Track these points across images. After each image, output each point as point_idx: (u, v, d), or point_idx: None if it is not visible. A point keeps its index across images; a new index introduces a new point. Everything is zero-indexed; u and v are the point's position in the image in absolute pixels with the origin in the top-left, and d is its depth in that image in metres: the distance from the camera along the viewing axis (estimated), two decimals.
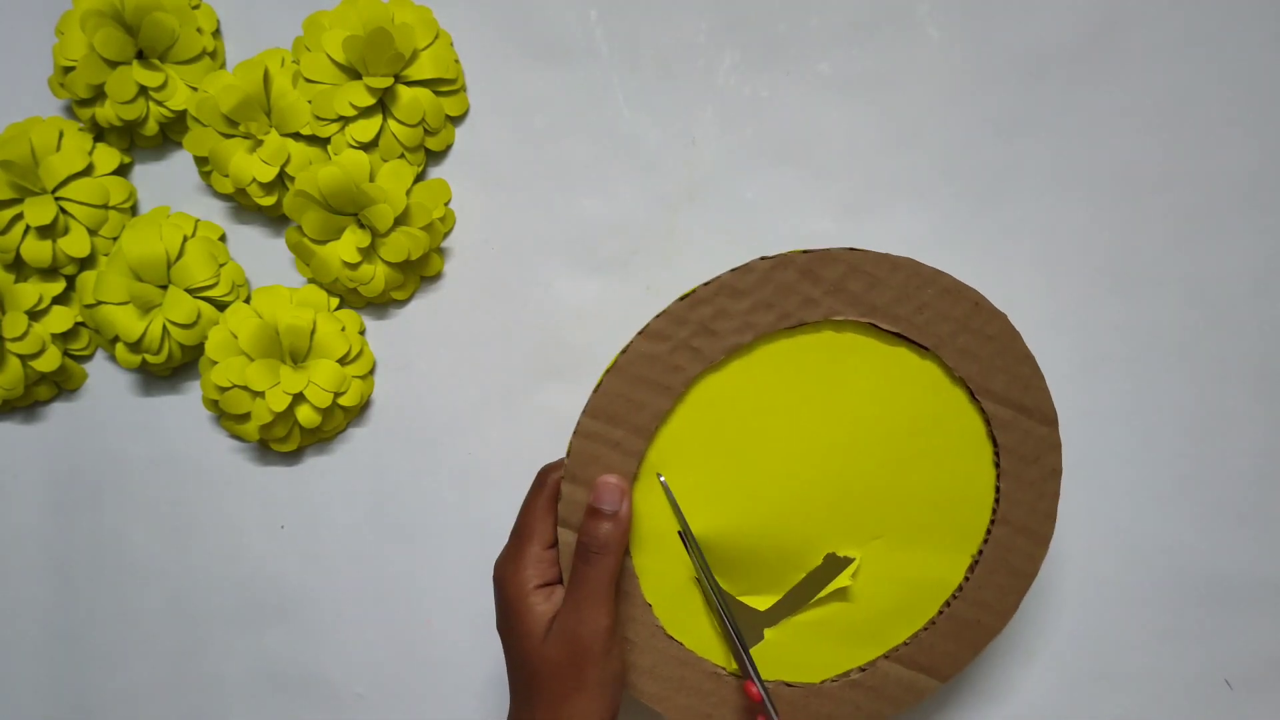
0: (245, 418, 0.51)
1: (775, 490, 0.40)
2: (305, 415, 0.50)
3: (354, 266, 0.50)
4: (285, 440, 0.52)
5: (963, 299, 0.39)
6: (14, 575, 0.55)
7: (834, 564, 0.41)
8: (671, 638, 0.41)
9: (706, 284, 0.38)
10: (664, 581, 0.41)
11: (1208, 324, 0.51)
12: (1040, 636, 0.51)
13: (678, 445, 0.40)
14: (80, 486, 0.54)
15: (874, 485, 0.41)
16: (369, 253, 0.51)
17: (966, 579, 0.42)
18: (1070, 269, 0.51)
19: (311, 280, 0.53)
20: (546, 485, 0.40)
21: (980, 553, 0.42)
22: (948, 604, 0.42)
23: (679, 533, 0.40)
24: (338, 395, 0.51)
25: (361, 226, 0.50)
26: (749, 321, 0.39)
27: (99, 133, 0.53)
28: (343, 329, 0.51)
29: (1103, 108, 0.51)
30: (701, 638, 0.42)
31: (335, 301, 0.53)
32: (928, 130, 0.51)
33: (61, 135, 0.52)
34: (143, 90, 0.50)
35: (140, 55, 0.51)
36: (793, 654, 0.42)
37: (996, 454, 0.41)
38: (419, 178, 0.52)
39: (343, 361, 0.51)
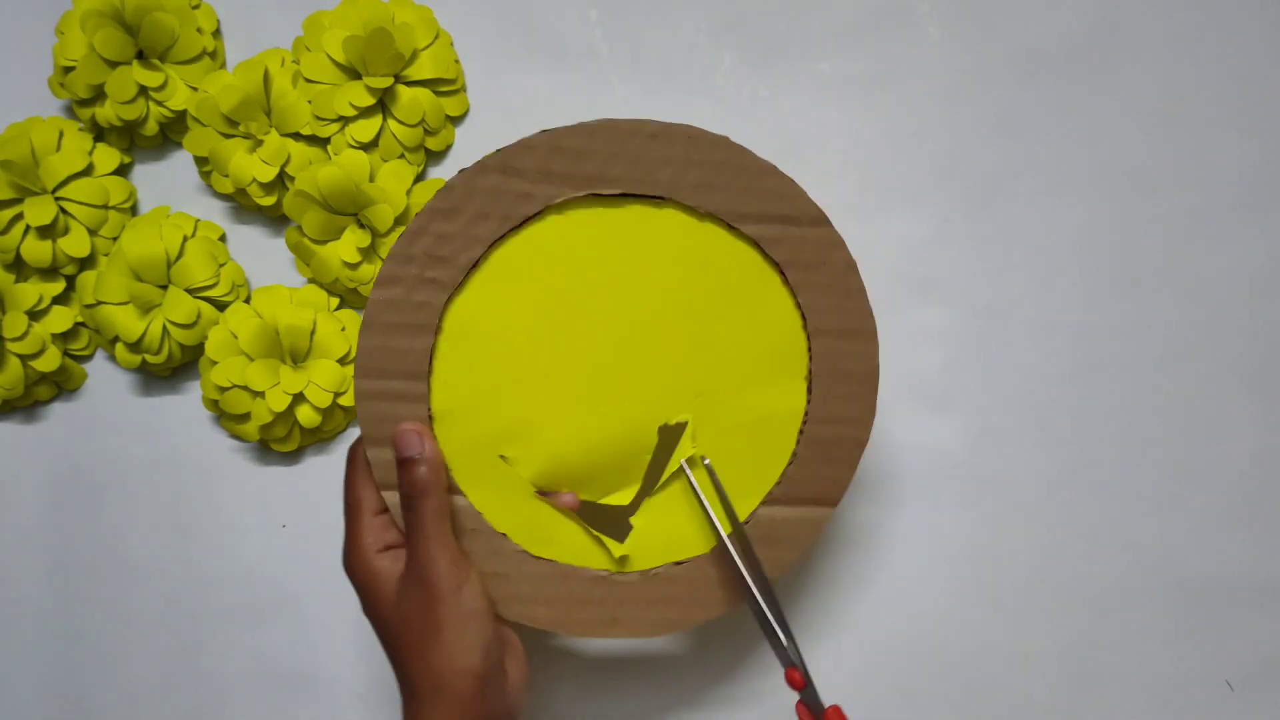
0: (245, 418, 0.51)
1: (581, 385, 0.40)
2: (305, 415, 0.50)
3: (354, 266, 0.50)
4: (285, 440, 0.52)
5: (674, 138, 0.39)
6: (14, 575, 0.55)
7: (670, 434, 0.41)
8: (539, 558, 0.41)
9: (418, 215, 0.38)
10: (508, 508, 0.41)
11: (1206, 324, 0.51)
12: (1040, 637, 0.51)
13: (458, 377, 0.40)
14: (80, 486, 0.54)
15: (679, 346, 0.40)
16: (369, 253, 0.51)
17: (809, 402, 0.41)
18: (1069, 269, 0.51)
19: (311, 280, 0.53)
20: (357, 458, 0.41)
21: (810, 371, 0.41)
22: (802, 431, 0.41)
23: (726, 535, 0.40)
24: (338, 395, 0.51)
25: (361, 226, 0.50)
26: (472, 235, 0.38)
27: (99, 133, 0.53)
28: (343, 329, 0.51)
29: (1102, 108, 0.51)
30: (570, 547, 0.41)
31: (335, 301, 0.53)
32: (928, 130, 0.51)
33: (61, 135, 0.52)
34: (143, 90, 0.50)
35: (140, 55, 0.51)
36: (671, 531, 0.42)
37: (781, 272, 0.40)
38: (419, 178, 0.52)
39: (343, 361, 0.51)
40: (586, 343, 0.40)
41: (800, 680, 0.39)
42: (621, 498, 0.42)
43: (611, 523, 0.41)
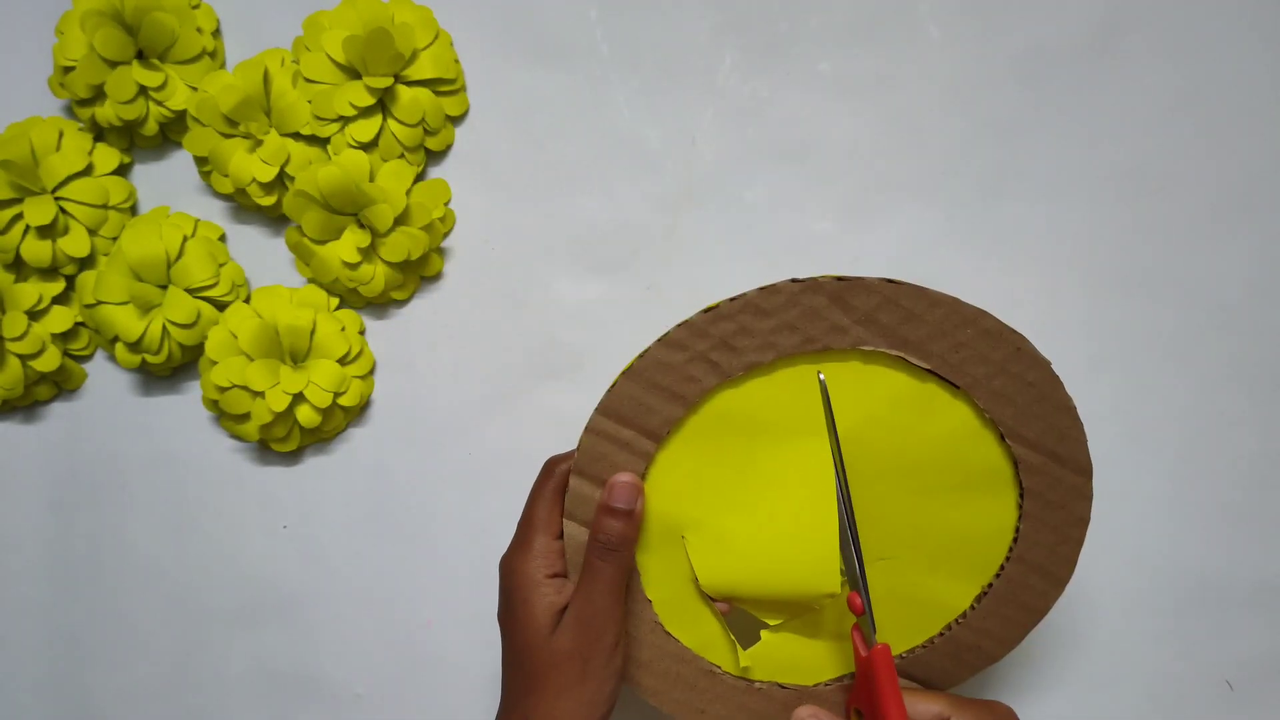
0: (245, 418, 0.51)
1: (783, 508, 0.40)
2: (305, 415, 0.50)
3: (354, 266, 0.50)
4: (285, 440, 0.52)
5: (1004, 342, 0.39)
6: (14, 575, 0.55)
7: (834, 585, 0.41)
8: (670, 634, 0.41)
9: (732, 300, 0.38)
10: (665, 580, 0.41)
11: (1208, 325, 0.51)
12: (1039, 638, 0.51)
13: (688, 454, 0.40)
14: (80, 486, 0.54)
15: (888, 512, 0.41)
16: (369, 253, 0.51)
17: (973, 607, 0.41)
18: (1070, 269, 0.51)
19: (311, 280, 0.53)
20: (554, 476, 0.40)
21: (990, 585, 0.41)
22: (949, 627, 0.42)
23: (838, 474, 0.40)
24: (338, 395, 0.51)
25: (361, 226, 0.50)
26: (771, 341, 0.38)
27: (99, 133, 0.53)
28: (343, 329, 0.51)
29: (1103, 108, 0.51)
30: (699, 637, 0.42)
31: (335, 301, 0.53)
32: (928, 130, 0.51)
33: (61, 135, 0.52)
34: (143, 90, 0.50)
35: (140, 55, 0.51)
36: (788, 656, 0.42)
37: (1021, 496, 0.40)
38: (419, 178, 0.52)
39: (343, 361, 0.51)
40: (814, 473, 0.40)
41: (860, 607, 0.39)
42: (762, 615, 0.42)
43: (741, 621, 0.42)
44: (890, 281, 0.38)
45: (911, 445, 0.40)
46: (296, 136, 0.51)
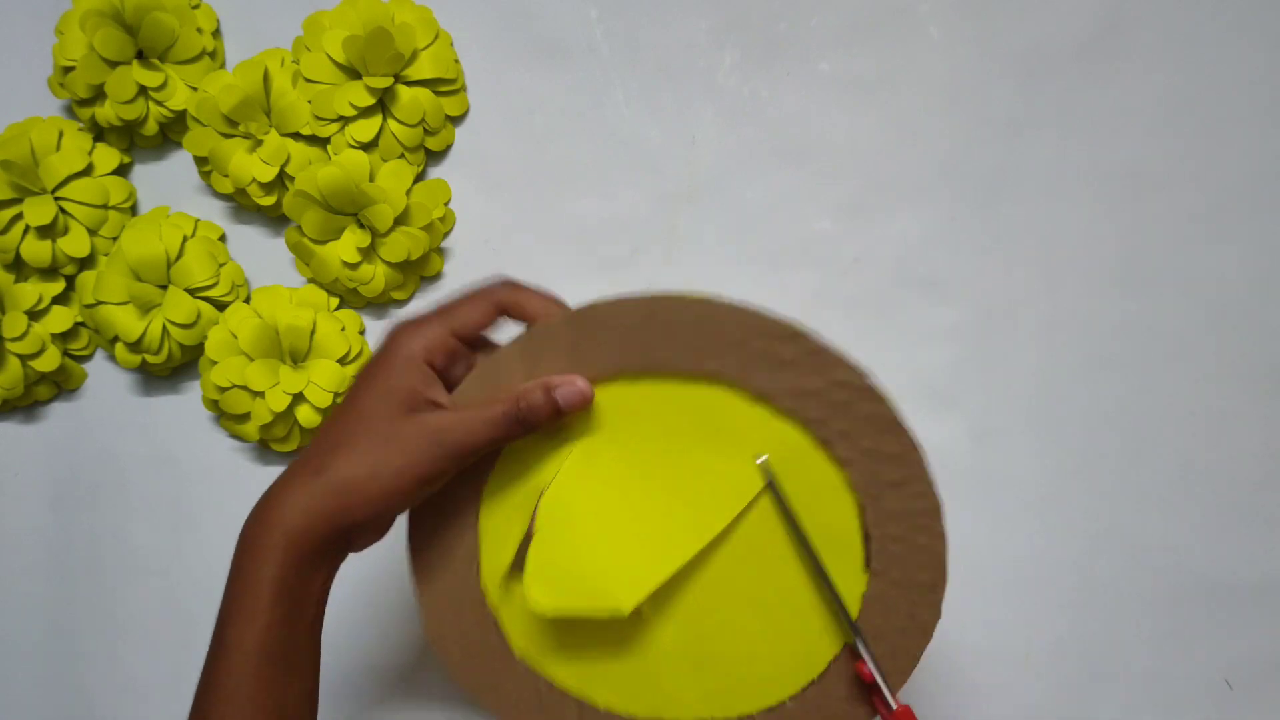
0: (245, 418, 0.51)
1: (639, 516, 0.39)
2: (305, 415, 0.50)
3: (354, 266, 0.50)
4: (285, 440, 0.52)
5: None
6: (14, 574, 0.55)
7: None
8: (480, 579, 0.40)
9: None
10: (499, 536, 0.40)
11: (1209, 324, 0.51)
12: (1039, 637, 0.51)
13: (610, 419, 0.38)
14: (80, 486, 0.54)
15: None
16: (369, 253, 0.51)
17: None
18: (1071, 269, 0.51)
19: (311, 280, 0.53)
20: (503, 288, 0.38)
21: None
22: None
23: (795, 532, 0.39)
24: (337, 395, 0.51)
25: (361, 226, 0.50)
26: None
27: (99, 133, 0.53)
28: (343, 329, 0.51)
29: (1104, 107, 0.51)
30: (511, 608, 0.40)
31: (335, 301, 0.53)
32: (928, 130, 0.51)
33: (61, 135, 0.52)
34: (142, 90, 0.50)
35: (140, 55, 0.51)
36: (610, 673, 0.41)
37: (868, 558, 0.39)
38: (419, 178, 0.52)
39: (343, 361, 0.51)
40: (683, 496, 0.39)
41: (870, 676, 0.38)
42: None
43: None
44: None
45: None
46: (296, 136, 0.51)
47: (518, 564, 0.39)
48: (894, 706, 0.38)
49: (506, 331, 0.38)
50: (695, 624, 0.40)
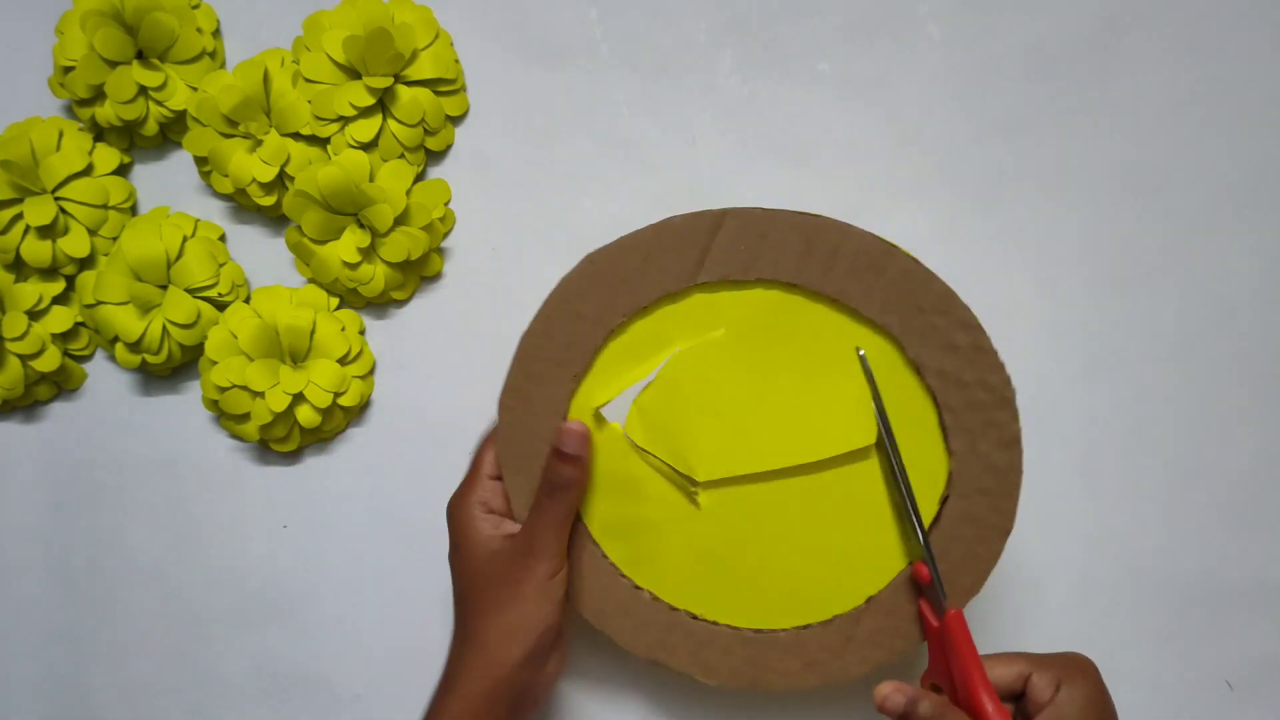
0: (245, 418, 0.51)
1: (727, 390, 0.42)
2: (305, 415, 0.50)
3: (354, 266, 0.50)
4: (285, 440, 0.52)
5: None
6: (14, 575, 0.55)
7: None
8: (611, 563, 0.44)
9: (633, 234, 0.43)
10: (608, 515, 0.44)
11: (1208, 325, 0.51)
12: (1039, 638, 0.51)
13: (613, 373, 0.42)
14: (80, 486, 0.54)
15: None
16: (369, 253, 0.51)
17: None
18: (1071, 270, 0.51)
19: (311, 280, 0.53)
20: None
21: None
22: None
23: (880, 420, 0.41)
24: (338, 395, 0.51)
25: (361, 226, 0.50)
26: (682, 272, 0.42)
27: (99, 133, 0.53)
28: (343, 329, 0.51)
29: (1103, 108, 0.51)
30: (642, 565, 0.44)
31: (335, 301, 0.53)
32: (928, 130, 0.51)
33: (61, 135, 0.52)
34: (142, 90, 0.50)
35: (140, 55, 0.51)
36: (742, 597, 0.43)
37: (945, 433, 0.42)
38: (419, 178, 0.52)
39: (343, 361, 0.51)
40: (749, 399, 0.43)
41: (927, 576, 0.39)
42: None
43: None
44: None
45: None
46: (296, 136, 0.51)
47: (618, 406, 0.43)
48: (945, 610, 0.39)
49: None
50: (774, 535, 0.43)
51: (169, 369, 0.53)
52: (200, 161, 0.52)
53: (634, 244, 0.42)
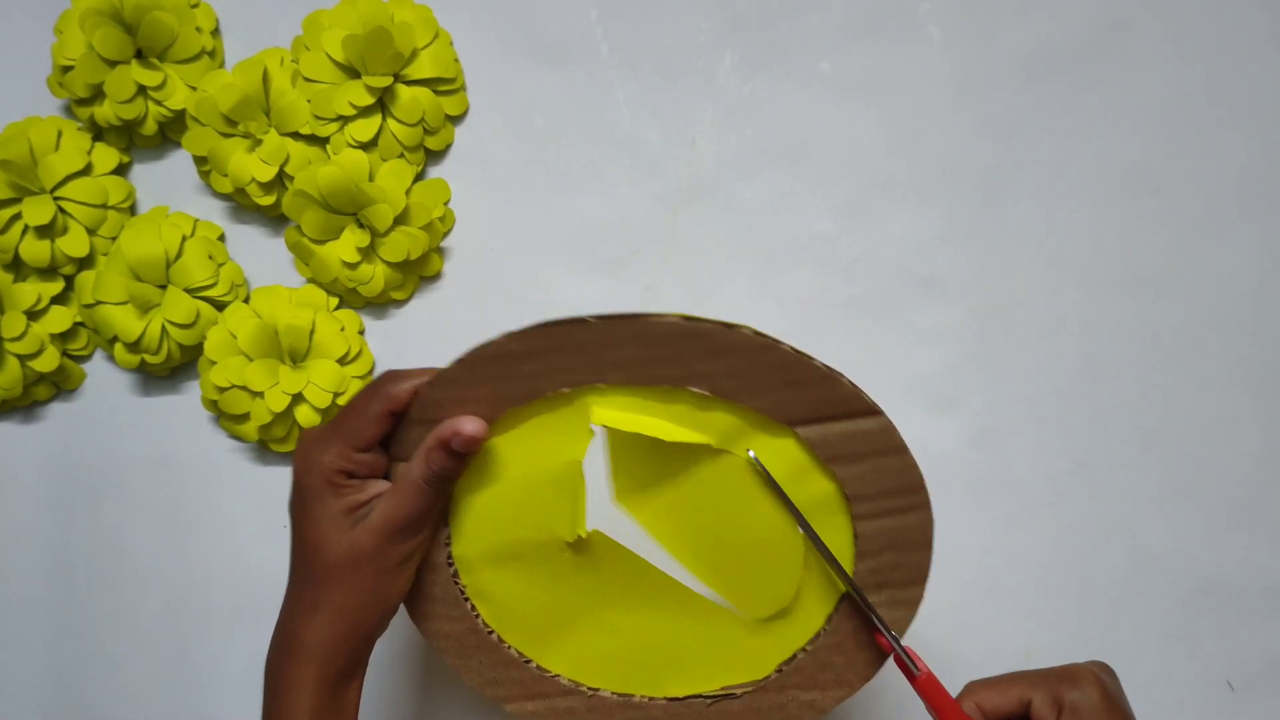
0: (244, 418, 0.51)
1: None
2: (305, 415, 0.50)
3: (353, 266, 0.50)
4: (285, 440, 0.52)
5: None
6: (14, 575, 0.55)
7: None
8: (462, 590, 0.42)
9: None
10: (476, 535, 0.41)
11: (1210, 324, 0.51)
12: (1040, 637, 0.51)
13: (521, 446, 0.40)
14: (80, 486, 0.54)
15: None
16: (368, 252, 0.51)
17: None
18: (1071, 270, 0.51)
19: (311, 280, 0.52)
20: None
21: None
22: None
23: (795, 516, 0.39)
24: (337, 395, 0.51)
25: (361, 226, 0.50)
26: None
27: (98, 132, 0.53)
28: (342, 329, 0.51)
29: (1103, 108, 0.51)
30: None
31: (335, 301, 0.53)
32: (928, 130, 0.51)
33: (60, 135, 0.52)
34: (141, 90, 0.50)
35: (139, 54, 0.51)
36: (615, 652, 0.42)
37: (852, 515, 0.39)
38: (418, 177, 0.52)
39: (342, 361, 0.51)
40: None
41: (889, 646, 0.39)
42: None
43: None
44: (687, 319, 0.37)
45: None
46: (296, 136, 0.51)
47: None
48: (917, 674, 0.38)
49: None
50: (674, 601, 0.41)
51: (168, 369, 0.53)
52: (199, 161, 0.52)
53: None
